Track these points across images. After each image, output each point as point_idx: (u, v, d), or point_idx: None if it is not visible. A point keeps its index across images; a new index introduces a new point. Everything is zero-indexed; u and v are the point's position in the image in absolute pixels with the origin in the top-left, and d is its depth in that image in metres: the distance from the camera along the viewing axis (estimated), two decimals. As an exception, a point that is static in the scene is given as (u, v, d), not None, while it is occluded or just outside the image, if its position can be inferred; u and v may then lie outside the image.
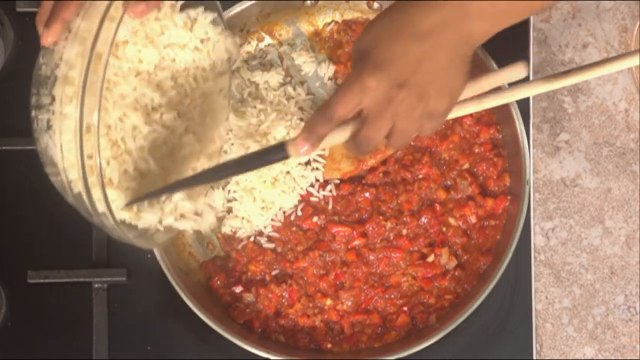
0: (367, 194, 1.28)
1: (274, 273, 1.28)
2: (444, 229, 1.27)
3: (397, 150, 1.29)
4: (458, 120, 1.29)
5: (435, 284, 1.26)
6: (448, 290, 1.26)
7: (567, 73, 1.09)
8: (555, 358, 1.30)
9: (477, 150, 1.29)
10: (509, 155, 1.28)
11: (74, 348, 1.29)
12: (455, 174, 1.29)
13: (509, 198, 1.27)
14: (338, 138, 1.05)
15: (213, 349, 1.27)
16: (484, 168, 1.29)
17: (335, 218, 1.28)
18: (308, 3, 1.32)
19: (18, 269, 1.29)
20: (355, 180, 1.29)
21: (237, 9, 1.28)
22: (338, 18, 1.33)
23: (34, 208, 1.29)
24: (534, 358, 1.28)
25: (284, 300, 1.27)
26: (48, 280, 1.29)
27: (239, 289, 1.27)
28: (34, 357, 1.29)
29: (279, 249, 1.28)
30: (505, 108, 1.25)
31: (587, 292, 1.31)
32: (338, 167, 1.29)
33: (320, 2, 1.32)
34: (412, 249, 1.27)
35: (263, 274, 1.28)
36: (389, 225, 1.27)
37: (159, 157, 1.13)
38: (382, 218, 1.27)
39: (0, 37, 1.31)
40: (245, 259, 1.28)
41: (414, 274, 1.27)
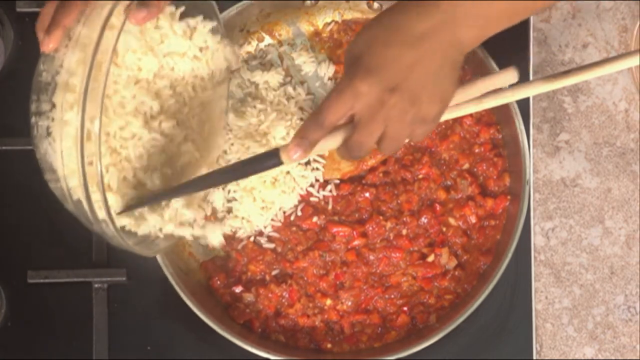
0: (367, 194, 1.28)
1: (274, 273, 1.28)
2: (444, 229, 1.27)
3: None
4: (458, 120, 1.29)
5: (435, 284, 1.26)
6: (448, 290, 1.26)
7: (567, 73, 1.09)
8: (555, 358, 1.30)
9: (477, 150, 1.29)
10: (509, 155, 1.28)
11: (74, 348, 1.29)
12: (455, 174, 1.29)
13: (509, 198, 1.27)
14: (331, 144, 1.05)
15: (213, 349, 1.27)
16: (484, 168, 1.29)
17: (335, 218, 1.28)
18: (308, 3, 1.32)
19: (18, 269, 1.29)
20: (355, 180, 1.29)
21: (237, 9, 1.28)
22: (338, 18, 1.33)
23: (34, 208, 1.29)
24: (534, 358, 1.28)
25: (284, 300, 1.27)
26: (48, 280, 1.29)
27: (239, 289, 1.27)
28: (34, 357, 1.29)
29: (279, 249, 1.28)
30: (505, 108, 1.25)
31: (587, 292, 1.31)
32: (338, 167, 1.29)
33: (320, 2, 1.32)
34: (412, 249, 1.27)
35: (263, 274, 1.28)
36: (389, 225, 1.27)
37: (158, 165, 1.14)
38: (382, 218, 1.27)
39: (0, 37, 1.31)
40: (245, 259, 1.28)
41: (414, 274, 1.27)
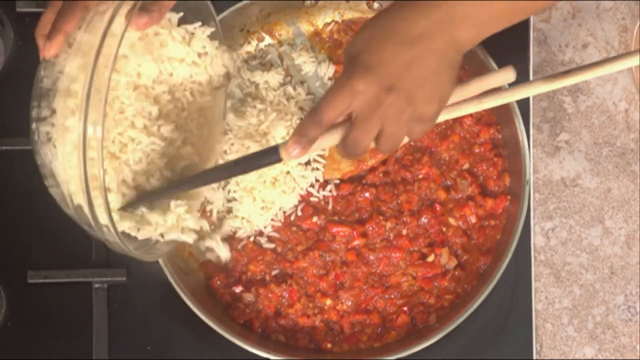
0: (367, 194, 1.28)
1: (274, 273, 1.28)
2: (444, 229, 1.27)
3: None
4: (458, 120, 1.29)
5: (435, 284, 1.26)
6: (448, 290, 1.26)
7: (567, 73, 1.09)
8: (555, 358, 1.30)
9: (477, 150, 1.29)
10: (509, 155, 1.28)
11: (74, 348, 1.29)
12: (455, 174, 1.29)
13: (509, 198, 1.27)
14: (329, 141, 1.06)
15: (213, 349, 1.27)
16: (484, 168, 1.29)
17: (335, 218, 1.28)
18: (308, 3, 1.32)
19: (18, 269, 1.29)
20: (355, 180, 1.29)
21: (237, 9, 1.28)
22: (338, 18, 1.33)
23: (34, 208, 1.29)
24: (534, 358, 1.28)
25: (284, 300, 1.27)
26: (48, 280, 1.29)
27: (239, 289, 1.27)
28: (34, 357, 1.29)
29: (279, 249, 1.28)
30: (505, 108, 1.25)
31: (587, 292, 1.31)
32: (338, 167, 1.29)
33: (320, 2, 1.32)
34: (412, 249, 1.27)
35: (263, 274, 1.28)
36: (389, 225, 1.27)
37: (158, 168, 1.14)
38: (382, 218, 1.27)
39: (0, 37, 1.31)
40: (245, 259, 1.28)
41: (414, 274, 1.27)
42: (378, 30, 1.02)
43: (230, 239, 1.28)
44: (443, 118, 1.08)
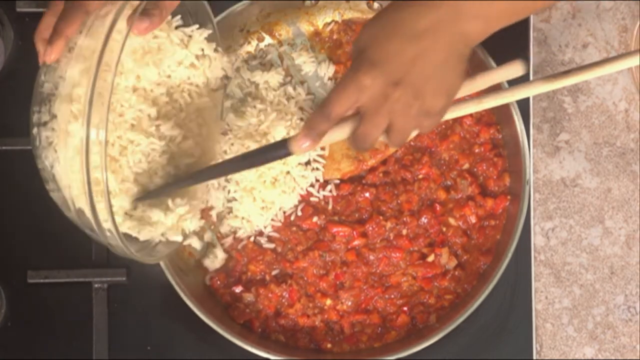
0: (367, 194, 1.28)
1: (274, 273, 1.28)
2: (444, 229, 1.27)
3: (397, 150, 1.29)
4: (458, 120, 1.29)
5: (435, 284, 1.26)
6: (448, 290, 1.26)
7: (567, 73, 1.09)
8: (555, 358, 1.30)
9: (477, 150, 1.29)
10: (509, 155, 1.28)
11: (74, 348, 1.29)
12: (455, 174, 1.29)
13: (509, 198, 1.27)
14: (338, 135, 1.07)
15: (213, 349, 1.27)
16: (484, 168, 1.29)
17: (335, 218, 1.28)
18: (308, 3, 1.32)
19: (18, 269, 1.29)
20: (355, 180, 1.29)
21: (237, 9, 1.28)
22: (338, 18, 1.33)
23: (34, 208, 1.29)
24: (534, 358, 1.28)
25: (284, 300, 1.27)
26: (48, 280, 1.29)
27: (239, 289, 1.27)
28: (34, 357, 1.29)
29: (279, 249, 1.28)
30: (505, 108, 1.25)
31: (587, 292, 1.31)
32: (338, 167, 1.29)
33: (320, 2, 1.32)
34: (412, 249, 1.27)
35: (263, 274, 1.28)
36: (389, 225, 1.27)
37: (160, 167, 1.14)
38: (382, 218, 1.27)
39: (0, 37, 1.31)
40: (245, 259, 1.28)
41: (414, 274, 1.27)
42: (384, 25, 1.02)
43: (230, 239, 1.28)
44: (443, 118, 1.08)
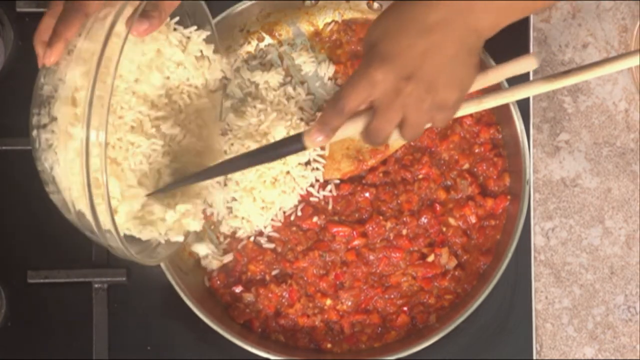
0: (367, 194, 1.28)
1: (274, 273, 1.28)
2: (444, 229, 1.27)
3: (396, 150, 1.29)
4: (458, 120, 1.29)
5: (435, 284, 1.26)
6: (448, 290, 1.26)
7: (567, 73, 1.09)
8: (555, 358, 1.30)
9: (477, 150, 1.29)
10: (509, 155, 1.28)
11: (74, 348, 1.29)
12: (455, 174, 1.29)
13: (509, 198, 1.27)
14: (351, 130, 1.07)
15: (213, 349, 1.27)
16: (484, 168, 1.29)
17: (335, 218, 1.28)
18: (308, 3, 1.32)
19: (18, 269, 1.29)
20: (355, 180, 1.29)
21: (237, 9, 1.28)
22: (338, 18, 1.33)
23: (34, 208, 1.29)
24: (534, 358, 1.28)
25: (284, 300, 1.27)
26: (48, 280, 1.29)
27: (239, 289, 1.27)
28: (34, 357, 1.29)
29: (279, 249, 1.28)
30: (505, 108, 1.25)
31: (587, 292, 1.31)
32: (338, 167, 1.29)
33: (320, 2, 1.32)
34: (412, 249, 1.27)
35: (263, 274, 1.28)
36: (389, 225, 1.27)
37: (162, 167, 1.14)
38: (382, 218, 1.27)
39: (0, 37, 1.31)
40: (245, 259, 1.28)
41: (414, 274, 1.27)
42: (395, 19, 1.01)
43: (230, 239, 1.28)
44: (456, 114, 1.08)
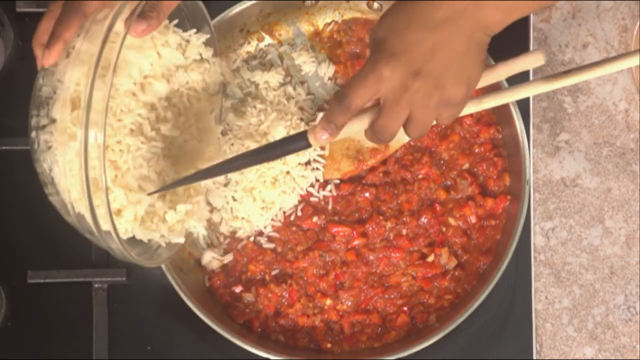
0: (367, 194, 1.28)
1: (274, 273, 1.28)
2: (444, 229, 1.27)
3: (396, 150, 1.29)
4: (458, 120, 1.29)
5: (435, 284, 1.26)
6: (448, 290, 1.26)
7: (567, 73, 1.09)
8: (555, 358, 1.30)
9: (477, 150, 1.29)
10: (509, 155, 1.28)
11: (74, 348, 1.29)
12: (455, 174, 1.29)
13: (509, 198, 1.27)
14: (357, 127, 1.06)
15: (213, 349, 1.27)
16: (484, 168, 1.29)
17: (335, 218, 1.28)
18: (308, 3, 1.32)
19: (18, 269, 1.29)
20: (355, 180, 1.29)
21: (237, 9, 1.28)
22: (338, 18, 1.33)
23: (35, 208, 1.29)
24: (534, 358, 1.28)
25: (284, 300, 1.27)
26: (48, 280, 1.29)
27: (239, 289, 1.27)
28: (34, 357, 1.29)
29: (279, 249, 1.28)
30: (505, 108, 1.25)
31: (587, 292, 1.31)
32: (338, 167, 1.29)
33: (320, 2, 1.32)
34: (412, 249, 1.27)
35: (263, 274, 1.28)
36: (389, 225, 1.27)
37: (162, 170, 1.14)
38: (382, 218, 1.27)
39: (0, 37, 1.31)
40: (245, 259, 1.28)
41: (414, 274, 1.27)
42: (403, 15, 1.01)
43: (230, 239, 1.28)
44: (462, 112, 1.08)
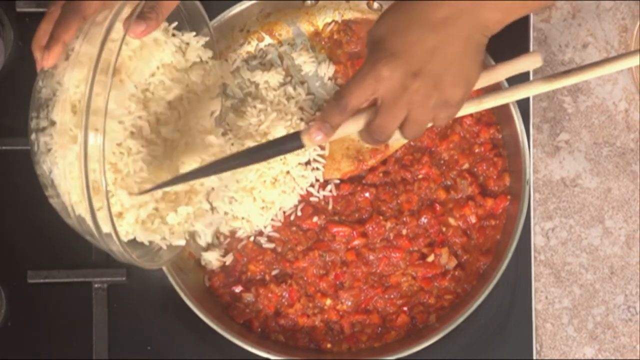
0: (367, 194, 1.28)
1: (274, 273, 1.28)
2: (444, 229, 1.27)
3: (396, 150, 1.29)
4: (458, 120, 1.29)
5: (435, 284, 1.26)
6: (448, 290, 1.26)
7: (567, 73, 1.09)
8: (555, 358, 1.30)
9: (477, 150, 1.29)
10: (509, 155, 1.28)
11: (74, 348, 1.29)
12: (455, 174, 1.29)
13: (509, 198, 1.27)
14: (352, 127, 1.06)
15: (213, 349, 1.27)
16: (484, 168, 1.29)
17: (335, 218, 1.28)
18: (308, 3, 1.32)
19: (18, 269, 1.29)
20: (355, 180, 1.29)
21: (237, 9, 1.28)
22: (338, 18, 1.33)
23: (35, 208, 1.28)
24: (534, 358, 1.28)
25: (284, 300, 1.27)
26: (48, 280, 1.29)
27: (239, 289, 1.27)
28: (34, 357, 1.29)
29: (279, 249, 1.28)
30: (505, 108, 1.25)
31: (587, 292, 1.31)
32: (338, 167, 1.29)
33: (320, 2, 1.32)
34: (412, 249, 1.27)
35: (263, 274, 1.28)
36: (389, 225, 1.27)
37: (162, 173, 1.14)
38: (382, 218, 1.27)
39: (0, 37, 1.31)
40: (245, 259, 1.28)
41: (414, 274, 1.27)
42: (402, 15, 1.01)
43: (230, 239, 1.28)
44: (459, 113, 1.08)
